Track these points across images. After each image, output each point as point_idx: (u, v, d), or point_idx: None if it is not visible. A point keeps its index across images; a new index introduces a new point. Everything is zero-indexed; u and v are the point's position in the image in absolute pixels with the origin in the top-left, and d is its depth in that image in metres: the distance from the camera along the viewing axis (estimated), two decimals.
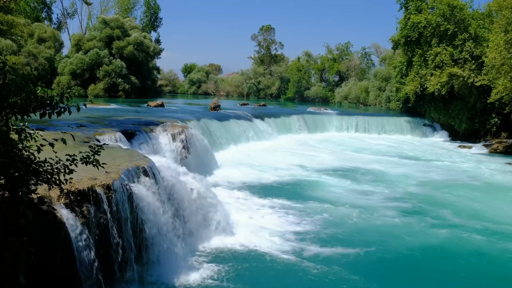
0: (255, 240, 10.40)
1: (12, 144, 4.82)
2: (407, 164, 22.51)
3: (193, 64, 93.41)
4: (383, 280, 8.91)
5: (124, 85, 49.42)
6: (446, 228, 12.06)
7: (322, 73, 74.27)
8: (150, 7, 72.26)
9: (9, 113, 4.79)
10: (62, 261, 6.24)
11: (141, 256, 8.23)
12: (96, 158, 5.62)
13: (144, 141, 15.19)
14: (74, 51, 51.17)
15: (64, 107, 5.00)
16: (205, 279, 8.37)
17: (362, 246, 10.44)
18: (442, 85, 31.76)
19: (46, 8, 66.01)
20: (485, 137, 31.86)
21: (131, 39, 51.97)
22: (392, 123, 36.60)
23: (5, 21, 29.41)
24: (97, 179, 7.35)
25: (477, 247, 10.80)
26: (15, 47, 43.46)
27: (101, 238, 7.08)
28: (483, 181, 19.09)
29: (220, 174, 17.45)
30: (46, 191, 6.20)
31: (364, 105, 58.40)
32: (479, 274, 9.48)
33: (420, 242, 10.97)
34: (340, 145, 28.49)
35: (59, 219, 6.21)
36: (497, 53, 26.57)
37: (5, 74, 4.78)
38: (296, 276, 8.78)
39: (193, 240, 9.93)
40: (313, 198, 14.61)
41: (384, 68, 55.16)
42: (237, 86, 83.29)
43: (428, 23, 32.80)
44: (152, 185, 8.81)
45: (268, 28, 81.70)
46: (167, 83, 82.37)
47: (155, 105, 32.18)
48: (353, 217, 12.82)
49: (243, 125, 26.67)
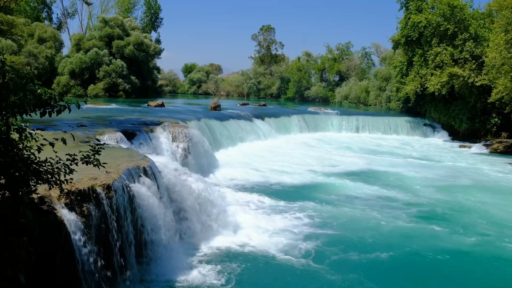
0: (256, 240, 10.39)
1: (12, 144, 4.81)
2: (412, 164, 22.48)
3: (193, 64, 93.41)
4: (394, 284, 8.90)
5: (124, 85, 49.39)
6: (467, 233, 11.82)
7: (322, 73, 74.22)
8: (150, 7, 72.22)
9: (9, 113, 4.78)
10: (62, 261, 6.24)
11: (142, 256, 8.22)
12: (97, 158, 5.61)
13: (144, 141, 15.19)
14: (74, 51, 51.15)
15: (64, 106, 4.98)
16: (205, 279, 8.36)
17: (370, 248, 10.37)
18: (442, 85, 31.72)
19: (46, 8, 66.04)
20: (485, 137, 31.82)
21: (132, 39, 51.96)
22: (393, 123, 36.57)
23: (6, 21, 29.40)
24: (98, 179, 7.34)
25: (503, 252, 10.66)
26: (16, 47, 43.47)
27: (102, 237, 7.07)
28: (490, 182, 19.02)
29: (221, 173, 17.44)
30: (46, 191, 6.19)
31: (365, 105, 58.37)
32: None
33: (444, 246, 10.78)
34: (340, 145, 28.46)
35: (59, 219, 6.20)
36: (497, 53, 26.54)
37: (5, 73, 4.77)
38: (298, 276, 8.77)
39: (194, 240, 9.93)
40: (314, 198, 14.58)
41: (384, 68, 55.13)
42: (237, 86, 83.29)
43: (429, 23, 32.77)
44: (152, 185, 8.80)
45: (268, 28, 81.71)
46: (167, 83, 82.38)
47: (155, 105, 32.19)
48: (357, 218, 12.81)
49: (243, 125, 26.66)
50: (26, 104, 4.76)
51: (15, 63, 4.97)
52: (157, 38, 72.10)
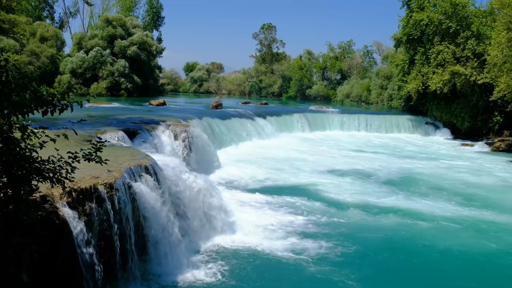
0: (257, 239, 10.39)
1: (14, 143, 4.82)
2: (413, 162, 22.48)
3: (195, 63, 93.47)
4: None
5: (126, 84, 49.44)
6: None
7: (324, 72, 74.22)
8: (152, 6, 72.16)
9: (11, 111, 4.79)
10: (64, 259, 6.26)
11: (143, 254, 8.24)
12: (99, 155, 5.61)
13: (146, 139, 15.20)
14: (76, 49, 51.20)
15: (66, 104, 4.99)
16: (207, 277, 8.38)
17: (377, 249, 10.38)
18: (444, 83, 31.68)
19: (48, 7, 66.08)
20: (487, 136, 31.78)
21: (135, 39, 51.95)
22: (394, 121, 36.55)
23: (7, 20, 29.44)
24: (100, 177, 7.35)
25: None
26: (18, 46, 43.50)
27: (103, 236, 7.09)
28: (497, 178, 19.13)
29: (222, 172, 17.44)
30: (48, 190, 6.21)
31: (366, 103, 58.32)
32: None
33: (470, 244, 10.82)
34: (341, 144, 28.46)
35: (62, 218, 6.22)
36: (499, 51, 26.46)
37: (7, 72, 4.78)
38: (301, 275, 8.77)
39: (196, 238, 9.94)
40: (317, 197, 14.55)
41: (386, 67, 55.06)
42: (239, 84, 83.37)
43: (430, 21, 32.71)
44: (154, 184, 8.81)
45: (269, 27, 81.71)
46: (169, 82, 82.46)
47: (157, 103, 32.23)
48: (357, 218, 12.81)
49: (245, 123, 26.66)
50: (28, 103, 4.77)
51: (18, 62, 4.96)
52: (158, 37, 72.14)
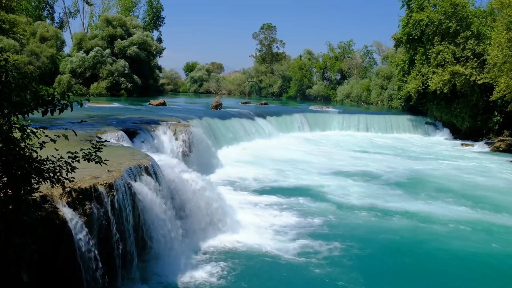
0: (258, 239, 10.39)
1: (14, 143, 4.82)
2: (414, 162, 22.47)
3: (195, 63, 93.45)
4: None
5: (126, 84, 49.46)
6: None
7: (324, 72, 74.22)
8: (152, 6, 72.13)
9: (11, 111, 4.79)
10: (64, 259, 6.25)
11: (143, 254, 8.23)
12: (98, 155, 5.61)
13: (146, 139, 15.20)
14: (76, 49, 51.19)
15: (65, 104, 4.98)
16: (207, 277, 8.37)
17: (377, 249, 10.38)
18: (444, 83, 31.68)
19: (47, 7, 66.06)
20: (487, 136, 31.78)
21: (135, 39, 51.94)
22: (394, 121, 36.55)
23: (7, 20, 29.42)
24: (99, 177, 7.34)
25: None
26: (18, 46, 43.48)
27: (103, 236, 7.08)
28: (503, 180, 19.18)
29: (222, 172, 17.44)
30: (48, 190, 6.21)
31: (366, 103, 58.32)
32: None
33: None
34: (341, 144, 28.46)
35: (61, 218, 6.22)
36: (499, 51, 26.46)
37: (7, 72, 4.77)
38: (301, 276, 8.76)
39: (196, 238, 9.93)
40: (317, 197, 14.55)
41: (386, 67, 55.07)
42: (239, 84, 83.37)
43: (430, 21, 32.70)
44: (154, 184, 8.80)
45: (269, 27, 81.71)
46: (169, 82, 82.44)
47: (157, 103, 32.22)
48: (365, 220, 12.80)
49: (245, 123, 26.66)
50: (28, 103, 4.76)
51: (18, 62, 4.96)
52: (158, 36, 72.13)
